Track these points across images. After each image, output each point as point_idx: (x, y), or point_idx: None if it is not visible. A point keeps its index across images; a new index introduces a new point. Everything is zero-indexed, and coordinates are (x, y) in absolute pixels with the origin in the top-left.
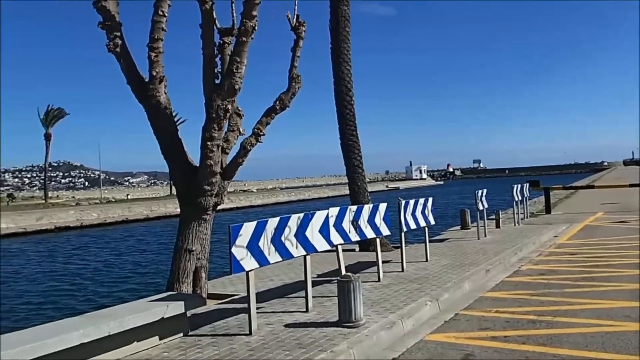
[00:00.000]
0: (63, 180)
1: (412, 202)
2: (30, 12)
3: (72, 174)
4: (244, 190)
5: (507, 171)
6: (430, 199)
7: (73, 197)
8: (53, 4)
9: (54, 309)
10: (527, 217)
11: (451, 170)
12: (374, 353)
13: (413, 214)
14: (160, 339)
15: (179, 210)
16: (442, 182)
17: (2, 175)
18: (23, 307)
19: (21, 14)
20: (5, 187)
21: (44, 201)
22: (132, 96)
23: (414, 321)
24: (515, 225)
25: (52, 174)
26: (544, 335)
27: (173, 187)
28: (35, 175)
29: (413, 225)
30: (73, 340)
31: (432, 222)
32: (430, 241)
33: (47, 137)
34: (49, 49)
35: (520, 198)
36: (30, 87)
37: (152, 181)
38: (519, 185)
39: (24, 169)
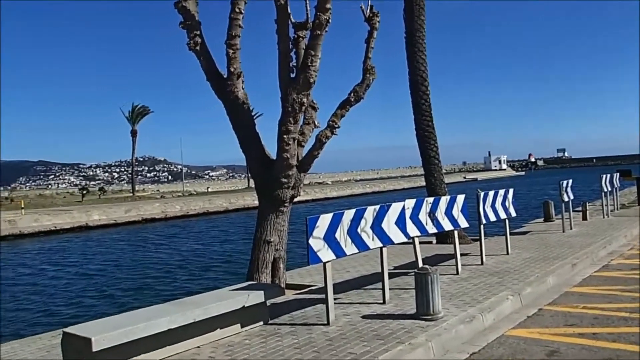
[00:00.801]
0: (148, 175)
1: (491, 193)
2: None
3: (156, 168)
4: (319, 183)
5: (594, 160)
6: (511, 190)
7: (158, 190)
8: (141, 4)
9: (148, 295)
10: (617, 209)
11: (533, 160)
12: (453, 347)
13: (492, 206)
14: (241, 327)
15: (256, 202)
16: (523, 173)
17: (94, 169)
18: (121, 294)
19: (110, 17)
20: (98, 181)
21: (131, 194)
22: (211, 93)
23: (494, 315)
24: (604, 217)
25: (138, 169)
26: (636, 333)
27: (251, 180)
28: (123, 170)
29: (493, 218)
30: (162, 326)
31: (513, 214)
32: (511, 234)
33: (133, 133)
34: (134, 51)
35: (609, 189)
36: (120, 87)
37: (231, 174)
38: (608, 175)
39: (113, 164)
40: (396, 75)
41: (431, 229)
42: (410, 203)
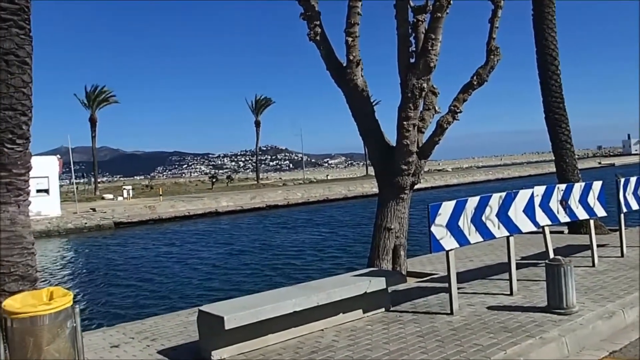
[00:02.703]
0: (271, 163)
1: (633, 179)
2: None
3: (278, 157)
4: (439, 170)
5: None
6: None
7: (280, 178)
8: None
9: (278, 276)
10: None
11: None
12: (590, 344)
13: (635, 193)
14: (363, 312)
15: (374, 189)
16: None
17: (222, 159)
18: (270, 272)
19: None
20: (225, 170)
21: (256, 182)
22: (331, 82)
23: (638, 312)
24: None
25: (261, 158)
26: None
27: (369, 168)
28: (248, 158)
29: (635, 206)
30: (287, 308)
31: None
32: None
33: (257, 124)
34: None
35: None
36: (243, 80)
37: (349, 162)
38: None
39: (238, 153)
40: (521, 55)
41: (563, 217)
42: (539, 190)
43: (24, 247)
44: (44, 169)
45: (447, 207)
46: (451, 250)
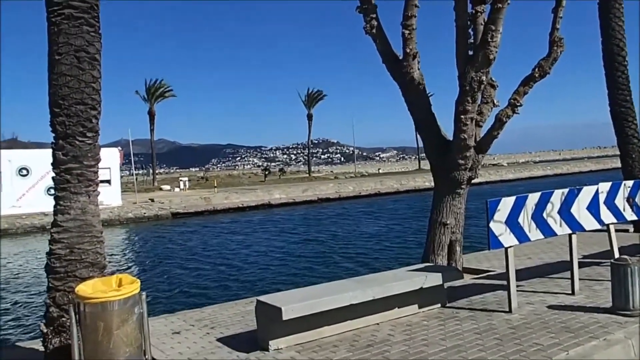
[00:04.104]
0: (322, 156)
1: None
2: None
3: (330, 150)
4: (494, 164)
5: None
6: None
7: (331, 171)
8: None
9: (335, 268)
10: None
11: None
12: None
13: None
14: (419, 307)
15: (427, 184)
16: None
17: (274, 152)
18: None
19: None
20: (277, 162)
21: (307, 175)
22: (385, 75)
23: None
24: None
25: (313, 151)
26: None
27: (422, 162)
28: (299, 151)
29: None
30: (344, 301)
31: None
32: None
33: (309, 117)
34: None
35: None
36: (296, 73)
37: (401, 156)
38: None
39: (290, 146)
40: (585, 46)
41: (630, 215)
42: (605, 187)
43: (94, 236)
44: (106, 161)
45: (507, 203)
46: (510, 247)
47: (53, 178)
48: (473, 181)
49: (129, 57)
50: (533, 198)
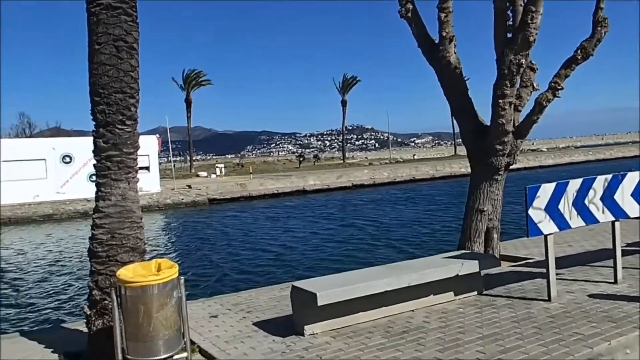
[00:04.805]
0: (357, 142)
1: None
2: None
3: (364, 136)
4: (533, 150)
5: None
6: None
7: (366, 157)
8: None
9: (370, 254)
10: None
11: None
12: None
13: None
14: (455, 295)
15: (463, 170)
16: None
17: (309, 138)
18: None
19: None
20: (311, 149)
21: (342, 161)
22: (419, 60)
23: None
24: None
25: (347, 137)
26: None
27: (458, 147)
28: (334, 138)
29: None
30: (379, 287)
31: None
32: None
33: (343, 103)
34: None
35: None
36: (330, 59)
37: (436, 142)
38: None
39: (325, 132)
40: (629, 27)
41: None
42: None
43: (134, 221)
44: (145, 148)
45: (546, 190)
46: (550, 234)
47: (94, 165)
48: (511, 167)
49: (167, 46)
50: (574, 184)
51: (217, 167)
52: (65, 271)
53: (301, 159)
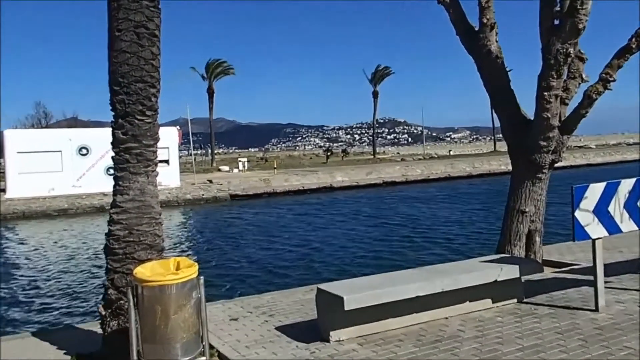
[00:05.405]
0: (388, 136)
1: None
2: None
3: (396, 130)
4: (580, 146)
5: None
6: None
7: (398, 152)
8: None
9: (402, 255)
10: None
11: None
12: None
13: None
14: (492, 302)
15: (503, 167)
16: None
17: (337, 131)
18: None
19: None
20: (340, 143)
21: (372, 156)
22: (456, 50)
23: None
24: None
25: (378, 131)
26: None
27: (497, 143)
28: (364, 131)
29: None
30: (410, 292)
31: None
32: None
33: (375, 94)
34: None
35: None
36: (361, 49)
37: (474, 136)
38: None
39: (354, 126)
40: None
41: None
42: None
43: (152, 217)
44: (165, 140)
45: (595, 190)
46: (598, 239)
47: (112, 157)
48: (556, 165)
49: (190, 34)
50: (626, 184)
51: (239, 161)
52: (80, 269)
53: (329, 153)
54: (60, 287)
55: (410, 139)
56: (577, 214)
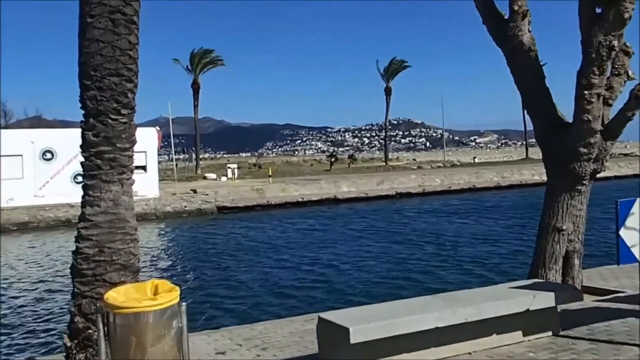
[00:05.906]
0: (403, 140)
1: None
2: None
3: (412, 133)
4: (626, 154)
5: None
6: None
7: (414, 159)
8: None
9: (417, 281)
10: None
11: None
12: None
13: None
14: (523, 335)
15: (536, 177)
16: None
17: (343, 134)
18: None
19: None
20: (346, 147)
21: (384, 163)
22: (483, 43)
23: None
24: None
25: (391, 133)
26: None
27: (530, 149)
28: (374, 134)
29: None
30: (427, 323)
31: None
32: None
33: (387, 91)
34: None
35: None
36: (372, 41)
37: (503, 141)
38: None
39: (363, 128)
40: None
41: None
42: None
43: (127, 233)
44: (142, 143)
45: None
46: None
47: (81, 163)
48: (598, 175)
49: (173, 22)
50: None
51: (228, 167)
52: (41, 294)
53: (333, 159)
54: (18, 314)
55: (428, 144)
56: (622, 232)
